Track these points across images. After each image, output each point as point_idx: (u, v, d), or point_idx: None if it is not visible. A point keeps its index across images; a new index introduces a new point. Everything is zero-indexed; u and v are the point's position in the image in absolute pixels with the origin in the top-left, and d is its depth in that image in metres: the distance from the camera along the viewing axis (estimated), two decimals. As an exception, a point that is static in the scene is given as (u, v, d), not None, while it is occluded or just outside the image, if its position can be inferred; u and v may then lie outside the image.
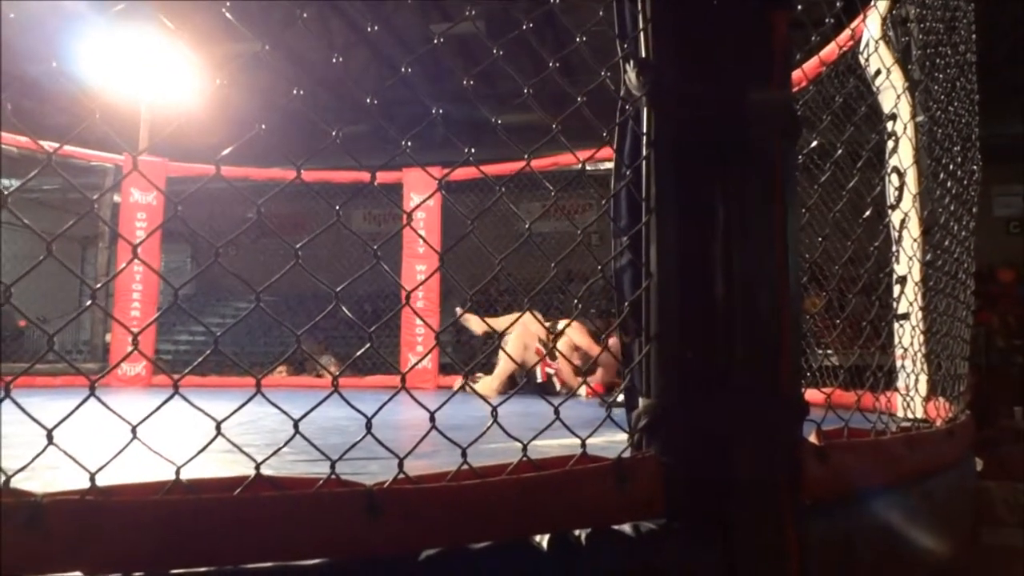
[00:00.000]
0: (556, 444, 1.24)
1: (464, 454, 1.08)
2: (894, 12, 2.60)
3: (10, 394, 0.89)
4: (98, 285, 0.91)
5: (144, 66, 6.34)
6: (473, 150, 1.33)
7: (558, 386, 5.60)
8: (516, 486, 1.08)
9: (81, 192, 1.00)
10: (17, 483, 0.88)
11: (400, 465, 1.03)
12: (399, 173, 6.62)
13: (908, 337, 2.39)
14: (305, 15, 1.19)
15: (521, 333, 5.44)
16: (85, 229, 6.71)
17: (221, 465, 1.20)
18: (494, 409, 1.17)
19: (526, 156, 1.25)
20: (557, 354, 5.29)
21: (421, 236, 1.64)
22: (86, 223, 0.99)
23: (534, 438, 1.17)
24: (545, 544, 1.07)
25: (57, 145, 1.04)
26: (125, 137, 6.56)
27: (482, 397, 1.23)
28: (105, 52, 6.33)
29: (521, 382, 5.34)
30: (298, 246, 1.06)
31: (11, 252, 5.94)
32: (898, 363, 2.49)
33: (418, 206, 2.07)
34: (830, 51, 2.41)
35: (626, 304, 1.33)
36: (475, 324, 6.00)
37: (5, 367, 5.04)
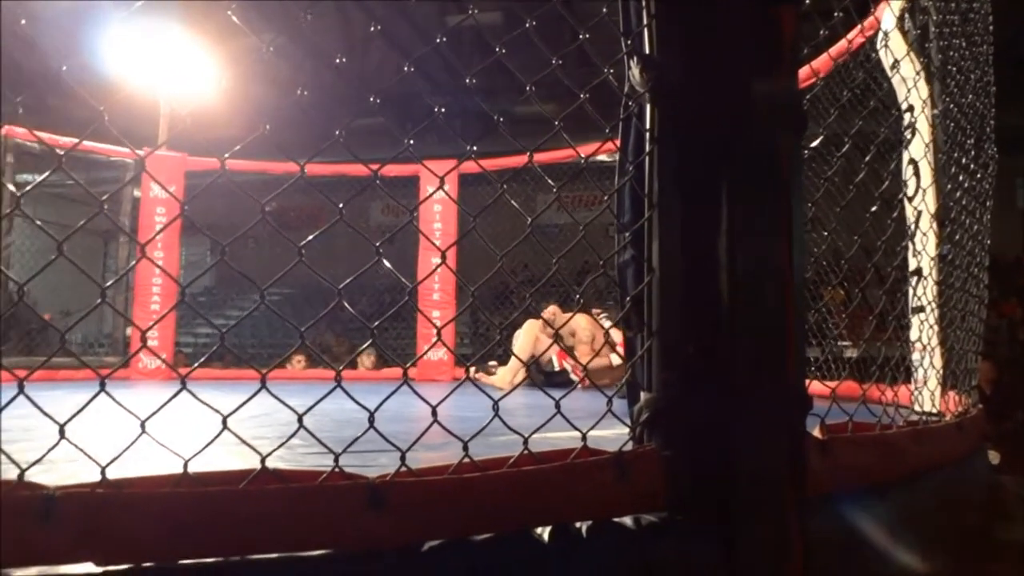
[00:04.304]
0: (566, 436, 1.25)
1: (465, 447, 1.10)
2: (911, 3, 2.58)
3: (23, 390, 0.91)
4: (107, 284, 0.93)
5: (163, 60, 6.40)
6: (490, 142, 1.33)
7: (574, 376, 5.62)
8: (517, 479, 1.10)
9: (89, 192, 1.02)
10: (36, 475, 0.91)
11: (402, 458, 1.05)
12: (416, 166, 6.62)
13: (919, 331, 2.38)
14: (310, 16, 1.21)
15: (531, 326, 5.45)
16: (107, 223, 6.79)
17: (235, 457, 1.22)
18: (495, 403, 1.19)
19: (529, 152, 1.26)
20: (570, 343, 5.30)
21: (423, 234, 1.65)
22: (101, 218, 1.02)
23: (535, 431, 1.18)
24: (546, 536, 1.09)
25: (75, 141, 1.07)
26: (145, 131, 6.63)
27: (482, 390, 1.24)
28: (125, 47, 6.39)
29: (534, 374, 5.36)
30: (302, 244, 1.07)
31: (36, 247, 6.04)
32: (914, 356, 2.48)
33: (423, 201, 2.09)
34: (841, 46, 2.40)
35: (628, 299, 1.34)
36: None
37: (27, 360, 5.13)
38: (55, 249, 0.93)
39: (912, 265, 2.46)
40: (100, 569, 0.89)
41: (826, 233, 1.73)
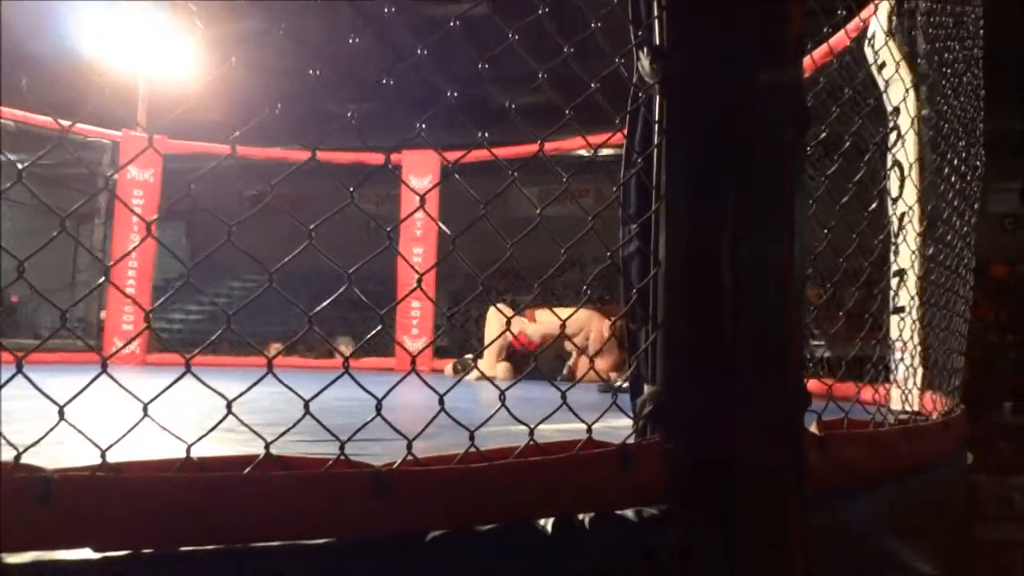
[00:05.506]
0: (553, 429, 1.24)
1: (472, 437, 1.08)
2: (904, 5, 2.60)
3: (22, 370, 0.89)
4: (111, 263, 0.91)
5: (144, 43, 6.30)
6: (478, 133, 1.32)
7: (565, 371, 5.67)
8: (523, 469, 1.09)
9: (91, 171, 0.99)
10: (24, 458, 0.88)
11: (408, 447, 1.04)
12: (398, 154, 6.67)
13: (907, 330, 2.40)
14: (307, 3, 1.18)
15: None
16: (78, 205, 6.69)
17: (218, 444, 1.19)
18: (502, 393, 1.18)
19: (539, 140, 1.25)
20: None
21: (435, 220, 1.63)
22: (76, 199, 0.99)
23: (541, 422, 1.17)
24: (550, 527, 1.08)
25: (65, 122, 1.04)
26: (124, 112, 6.52)
27: (488, 379, 1.23)
28: (105, 28, 6.29)
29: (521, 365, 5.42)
30: (312, 227, 1.05)
31: (17, 228, 5.93)
32: (896, 356, 2.50)
33: (431, 188, 2.05)
34: (839, 39, 2.41)
35: (634, 291, 1.34)
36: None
37: (8, 342, 5.03)
38: (35, 230, 0.91)
39: (899, 265, 2.48)
40: (99, 555, 0.86)
41: (826, 231, 1.74)
